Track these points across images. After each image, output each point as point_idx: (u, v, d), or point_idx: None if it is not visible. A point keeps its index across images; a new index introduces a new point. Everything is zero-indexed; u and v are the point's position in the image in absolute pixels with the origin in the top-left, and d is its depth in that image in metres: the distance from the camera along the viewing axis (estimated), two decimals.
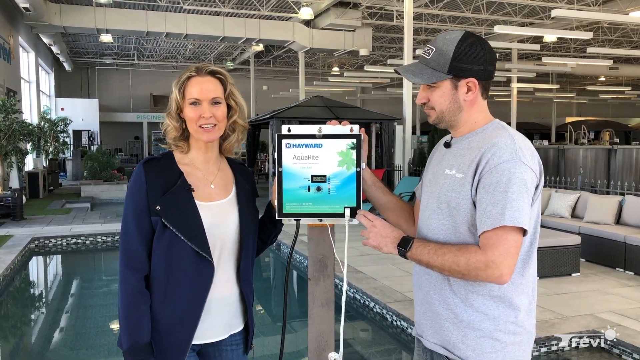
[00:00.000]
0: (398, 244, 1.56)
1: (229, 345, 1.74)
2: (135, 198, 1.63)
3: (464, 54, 1.55)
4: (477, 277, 1.46)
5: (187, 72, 1.69)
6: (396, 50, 22.82)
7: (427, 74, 1.57)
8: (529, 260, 1.56)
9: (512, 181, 1.44)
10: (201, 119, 1.66)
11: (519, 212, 1.43)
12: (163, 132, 1.76)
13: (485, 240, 1.45)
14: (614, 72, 24.97)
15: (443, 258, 1.49)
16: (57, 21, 14.94)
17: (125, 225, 1.64)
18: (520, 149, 1.49)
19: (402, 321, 4.73)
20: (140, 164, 1.66)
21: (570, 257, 6.10)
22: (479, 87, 1.58)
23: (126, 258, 1.62)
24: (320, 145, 1.62)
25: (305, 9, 14.59)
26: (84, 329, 5.42)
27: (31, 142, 13.06)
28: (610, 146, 13.55)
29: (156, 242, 1.61)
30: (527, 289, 1.56)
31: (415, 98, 1.73)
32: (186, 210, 1.62)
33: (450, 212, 1.55)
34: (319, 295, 1.75)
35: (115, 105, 28.69)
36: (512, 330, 1.54)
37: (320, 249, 1.74)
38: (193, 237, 1.60)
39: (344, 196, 1.63)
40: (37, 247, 8.35)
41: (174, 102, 1.69)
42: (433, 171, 1.68)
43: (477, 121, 1.61)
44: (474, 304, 1.53)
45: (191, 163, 1.71)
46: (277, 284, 7.56)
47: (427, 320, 1.64)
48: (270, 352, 4.64)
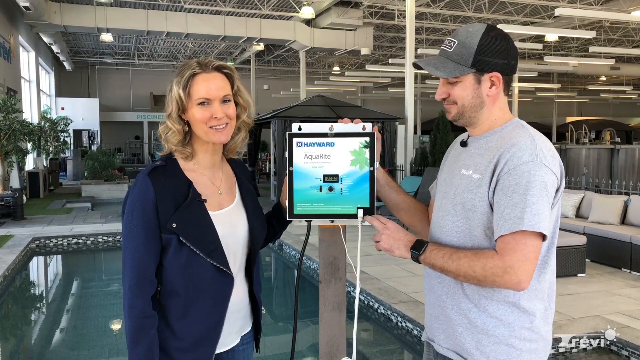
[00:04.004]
0: (411, 247, 1.51)
1: (240, 346, 1.70)
2: (144, 215, 1.48)
3: (488, 47, 1.49)
4: (494, 283, 1.40)
5: (189, 68, 1.53)
6: (397, 50, 22.76)
7: (450, 67, 1.51)
8: (546, 266, 1.50)
9: (532, 183, 1.38)
10: (212, 120, 1.53)
11: (539, 217, 1.37)
12: (161, 137, 1.58)
13: (503, 245, 1.39)
14: (615, 72, 24.92)
15: (458, 263, 1.44)
16: (58, 20, 14.89)
17: (133, 243, 1.48)
18: (541, 149, 1.43)
19: (407, 322, 4.67)
20: (145, 175, 1.50)
21: (576, 258, 6.05)
22: (502, 82, 1.52)
23: (136, 277, 1.48)
24: (332, 143, 1.57)
25: (306, 8, 14.53)
26: (85, 329, 5.38)
27: (31, 142, 13.03)
28: (613, 146, 13.51)
29: (172, 259, 1.49)
30: (543, 295, 1.51)
31: (416, 97, 1.67)
32: (202, 225, 1.52)
33: (466, 214, 1.49)
34: (330, 299, 1.70)
35: (115, 105, 28.66)
36: (528, 336, 1.49)
37: (332, 251, 1.70)
38: (211, 252, 1.51)
39: (356, 196, 1.58)
40: (37, 247, 8.31)
41: (175, 103, 1.52)
42: (448, 170, 1.63)
43: (497, 119, 1.55)
44: (488, 309, 1.48)
45: (196, 168, 1.59)
46: (278, 284, 7.51)
47: (439, 325, 1.59)
48: (273, 353, 4.59)
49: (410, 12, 11.51)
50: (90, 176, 15.62)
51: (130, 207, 1.50)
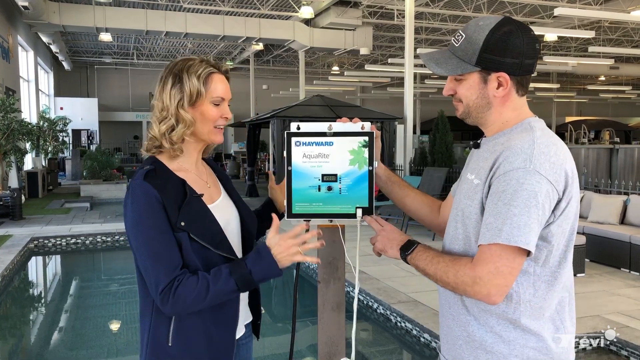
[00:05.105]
0: (401, 247, 1.48)
1: (243, 339, 1.70)
2: (153, 219, 1.45)
3: (496, 44, 1.35)
4: (465, 292, 1.33)
5: (203, 64, 1.54)
6: (397, 50, 22.76)
7: (452, 64, 1.40)
8: (555, 283, 1.36)
9: (518, 193, 1.26)
10: (221, 120, 1.58)
11: (519, 230, 1.25)
12: (164, 136, 1.54)
13: (479, 255, 1.31)
14: (614, 72, 24.94)
15: (436, 267, 1.38)
16: (57, 20, 14.86)
17: (150, 246, 1.44)
18: (538, 155, 1.29)
19: (406, 322, 4.67)
20: (141, 180, 1.46)
21: (575, 257, 5.92)
22: (511, 82, 1.38)
23: (163, 271, 1.42)
24: (331, 143, 1.56)
25: (305, 7, 14.51)
26: (84, 330, 5.37)
27: (30, 142, 13.00)
28: (612, 146, 13.51)
29: (187, 258, 1.47)
30: (551, 314, 1.38)
31: (416, 97, 1.64)
32: (205, 219, 1.53)
33: (464, 221, 1.42)
34: (329, 299, 1.69)
35: (114, 105, 28.63)
36: (532, 357, 1.36)
37: (331, 251, 1.69)
38: (218, 244, 1.52)
39: (355, 196, 1.56)
40: (36, 247, 8.29)
41: (187, 94, 1.51)
42: (463, 173, 1.56)
43: (509, 120, 1.42)
44: (488, 322, 1.38)
45: (182, 168, 1.59)
46: (277, 284, 7.50)
47: (443, 335, 1.54)
48: (271, 353, 4.58)
49: (410, 12, 11.50)
50: (89, 176, 15.60)
51: (137, 213, 1.46)
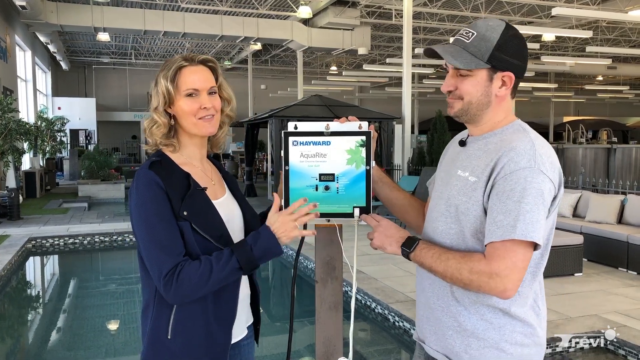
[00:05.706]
0: (402, 244, 1.50)
1: (244, 341, 1.70)
2: (157, 206, 1.46)
3: (507, 44, 1.45)
4: (479, 288, 1.38)
5: (175, 62, 1.56)
6: (395, 49, 22.76)
7: (467, 58, 1.45)
8: (538, 273, 1.48)
9: (527, 190, 1.34)
10: (201, 111, 1.56)
11: (532, 226, 1.34)
12: (145, 131, 1.61)
13: (492, 250, 1.36)
14: (612, 72, 24.97)
15: (446, 264, 1.42)
16: (54, 19, 14.82)
17: (153, 233, 1.44)
18: (540, 156, 1.39)
19: (404, 322, 4.67)
20: (146, 169, 1.49)
21: (572, 257, 6.06)
22: (513, 83, 1.49)
23: (166, 258, 1.43)
24: (328, 142, 1.56)
25: (303, 7, 14.51)
26: (81, 330, 5.36)
27: (28, 142, 12.97)
28: (610, 145, 13.52)
29: (188, 246, 1.48)
30: (531, 301, 1.49)
31: (414, 97, 1.65)
32: (207, 211, 1.54)
33: (458, 217, 1.47)
34: (326, 299, 1.69)
35: (112, 105, 28.56)
36: (520, 341, 1.46)
37: (328, 251, 1.69)
38: (220, 238, 1.52)
39: (353, 195, 1.56)
40: (34, 247, 8.27)
41: (162, 96, 1.56)
42: (446, 170, 1.60)
43: (500, 120, 1.51)
44: (479, 311, 1.46)
45: (188, 162, 1.61)
46: (275, 284, 7.50)
47: (430, 327, 1.57)
48: (269, 353, 4.58)
49: (408, 12, 11.50)
50: (87, 176, 15.57)
51: (141, 200, 1.47)
